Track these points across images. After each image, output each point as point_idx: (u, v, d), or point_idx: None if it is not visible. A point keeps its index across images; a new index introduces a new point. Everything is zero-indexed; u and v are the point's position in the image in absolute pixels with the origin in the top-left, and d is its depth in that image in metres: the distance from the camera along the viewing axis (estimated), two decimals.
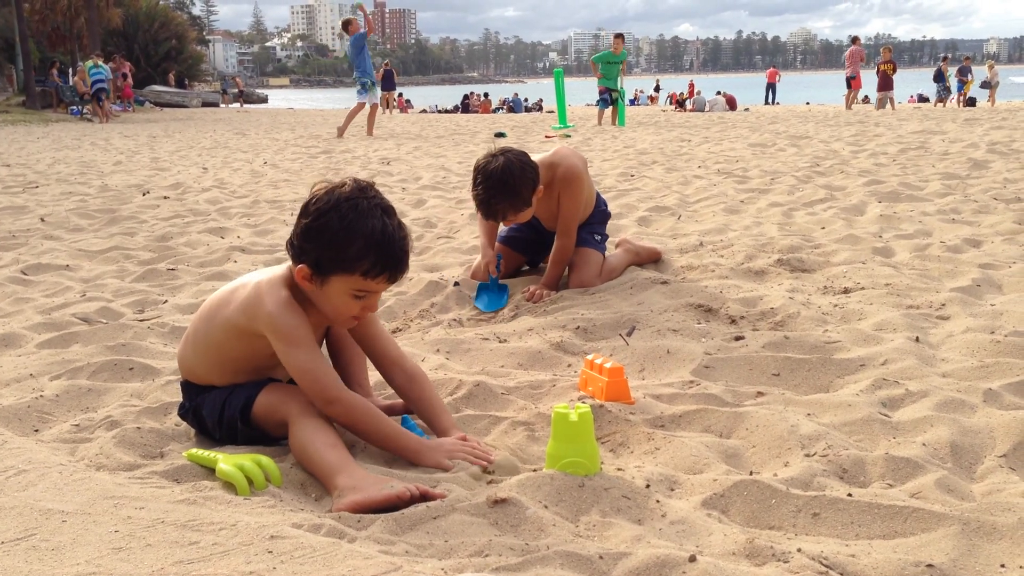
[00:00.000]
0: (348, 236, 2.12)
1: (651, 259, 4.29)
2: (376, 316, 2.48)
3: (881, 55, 22.54)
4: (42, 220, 6.43)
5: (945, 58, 26.65)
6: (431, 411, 2.40)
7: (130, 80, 30.98)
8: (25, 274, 4.64)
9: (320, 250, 2.15)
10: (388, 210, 2.19)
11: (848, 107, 22.03)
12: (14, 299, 4.11)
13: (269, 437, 2.32)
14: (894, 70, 21.82)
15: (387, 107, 28.64)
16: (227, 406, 2.31)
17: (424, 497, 1.94)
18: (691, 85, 34.29)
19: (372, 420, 2.23)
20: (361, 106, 15.14)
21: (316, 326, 2.34)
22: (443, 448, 2.21)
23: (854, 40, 23.32)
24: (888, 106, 21.35)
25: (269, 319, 2.21)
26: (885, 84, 21.45)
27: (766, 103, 32.64)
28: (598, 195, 4.22)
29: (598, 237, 4.10)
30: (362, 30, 15.26)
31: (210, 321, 2.36)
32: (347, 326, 2.36)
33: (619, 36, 18.01)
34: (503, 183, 3.61)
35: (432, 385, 2.48)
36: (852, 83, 22.12)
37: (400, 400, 2.55)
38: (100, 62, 24.25)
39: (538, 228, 4.14)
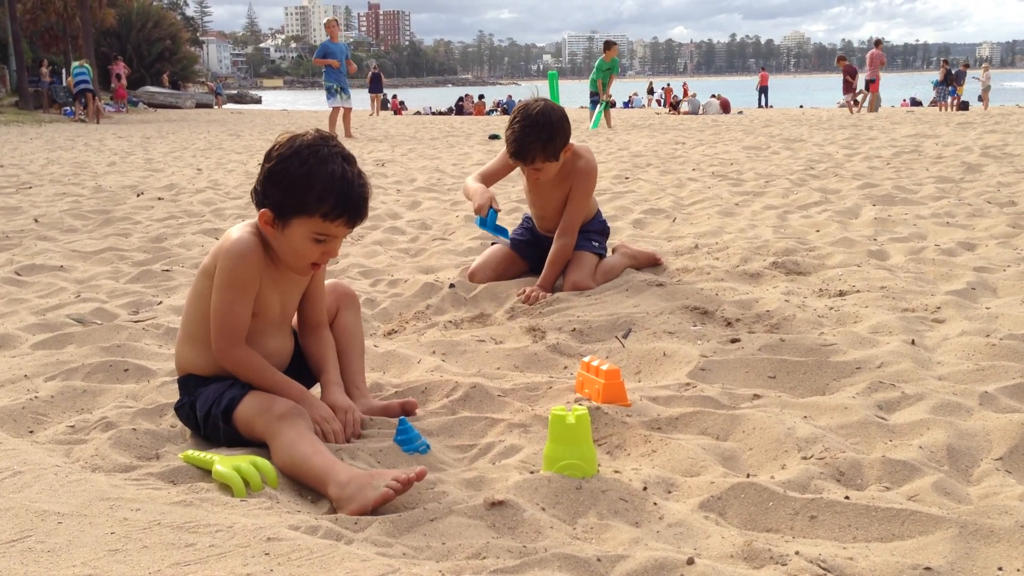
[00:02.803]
0: (309, 179, 2.22)
1: (648, 264, 4.29)
2: (322, 282, 2.56)
3: (838, 62, 23.40)
4: (36, 221, 6.41)
5: (945, 61, 26.85)
6: (321, 366, 2.52)
7: (124, 81, 30.89)
8: (19, 275, 4.62)
9: (281, 193, 2.25)
10: (348, 158, 2.30)
11: (872, 110, 22.41)
12: (8, 300, 4.09)
13: (244, 441, 2.32)
14: (855, 75, 23.13)
15: (374, 109, 28.77)
16: (216, 404, 2.31)
17: (408, 484, 1.94)
18: (685, 87, 34.32)
19: (263, 372, 2.35)
20: (336, 111, 15.13)
21: (283, 283, 2.40)
22: (319, 412, 2.33)
23: (876, 43, 23.61)
24: (853, 108, 22.07)
25: (227, 250, 2.30)
26: (848, 88, 22.37)
27: (759, 107, 32.73)
28: (598, 211, 4.26)
29: (596, 243, 4.11)
30: (339, 41, 15.34)
31: (192, 291, 2.43)
32: (305, 274, 2.43)
33: (610, 44, 17.75)
34: (541, 124, 3.69)
35: (334, 351, 2.56)
36: (871, 86, 22.48)
37: (394, 402, 2.56)
38: (85, 63, 24.22)
39: (539, 237, 4.16)
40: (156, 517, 1.80)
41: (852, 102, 22.67)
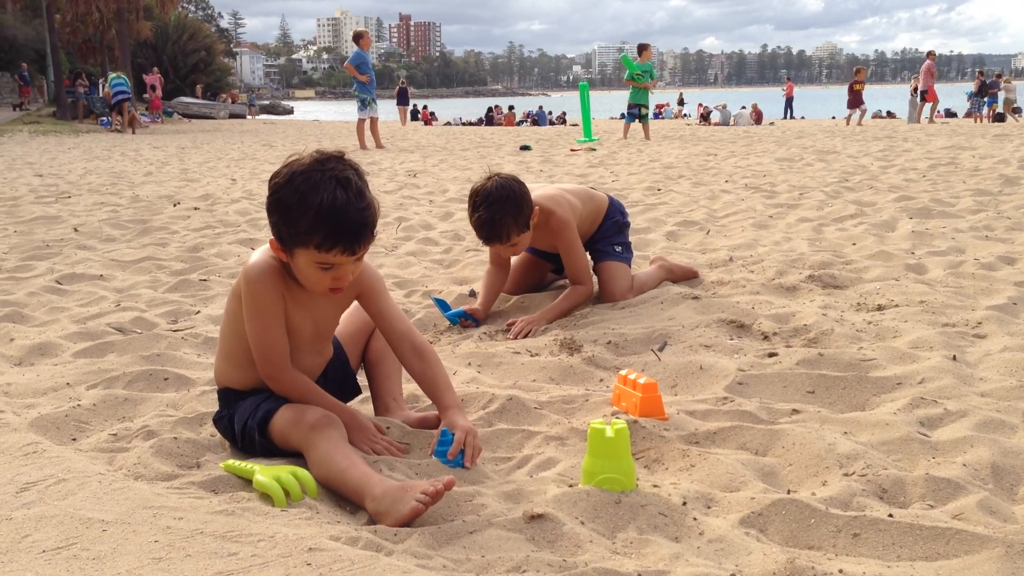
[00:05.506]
0: (300, 210, 2.14)
1: (686, 278, 4.25)
2: (385, 291, 2.48)
3: (856, 75, 23.34)
4: (75, 230, 6.51)
5: (981, 72, 26.64)
6: (436, 388, 2.42)
7: (159, 92, 31.33)
8: (60, 283, 4.70)
9: (279, 224, 2.21)
10: (344, 181, 2.14)
11: (931, 120, 22.60)
12: (49, 308, 4.16)
13: (280, 452, 2.33)
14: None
15: (403, 120, 29.13)
16: (252, 416, 2.33)
17: (436, 496, 1.94)
18: (678, 104, 34.09)
19: (315, 397, 2.35)
20: (363, 123, 15.28)
21: (314, 303, 2.37)
22: (364, 432, 2.35)
23: (929, 55, 23.65)
24: (858, 120, 22.08)
25: (245, 276, 2.31)
26: (856, 101, 22.28)
27: (785, 117, 32.52)
28: (612, 205, 4.12)
29: (619, 248, 4.03)
30: (369, 51, 15.51)
31: (225, 311, 2.45)
32: (327, 298, 2.35)
33: (644, 46, 17.55)
34: (505, 198, 3.52)
35: (441, 364, 2.47)
36: (927, 96, 22.48)
37: (432, 413, 2.55)
38: (121, 74, 24.61)
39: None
40: (199, 526, 1.82)
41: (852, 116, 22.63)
